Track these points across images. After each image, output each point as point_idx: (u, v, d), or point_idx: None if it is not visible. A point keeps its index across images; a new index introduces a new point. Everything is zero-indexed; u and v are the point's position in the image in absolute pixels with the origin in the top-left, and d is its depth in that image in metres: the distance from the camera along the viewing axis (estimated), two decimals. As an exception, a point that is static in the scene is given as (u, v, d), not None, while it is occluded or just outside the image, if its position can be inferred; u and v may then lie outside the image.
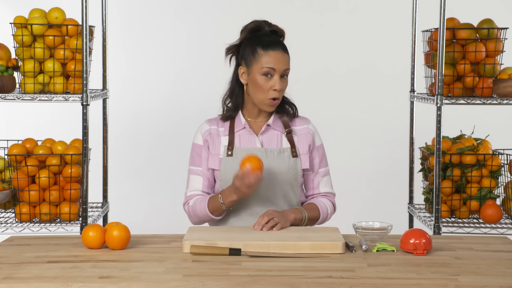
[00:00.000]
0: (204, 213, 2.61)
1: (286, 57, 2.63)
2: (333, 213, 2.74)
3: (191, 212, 2.65)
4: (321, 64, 4.78)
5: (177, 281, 1.94)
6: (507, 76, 3.06)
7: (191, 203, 2.65)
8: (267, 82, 2.60)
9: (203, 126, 2.72)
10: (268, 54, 2.60)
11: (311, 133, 2.73)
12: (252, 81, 2.62)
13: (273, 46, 2.61)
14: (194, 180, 2.69)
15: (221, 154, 2.66)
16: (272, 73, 2.59)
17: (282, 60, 2.60)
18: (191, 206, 2.65)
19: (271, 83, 2.59)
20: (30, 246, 2.34)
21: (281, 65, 2.60)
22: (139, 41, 4.78)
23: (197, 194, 2.67)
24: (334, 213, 2.75)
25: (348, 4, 4.78)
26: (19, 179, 3.05)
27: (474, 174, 3.13)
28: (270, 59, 2.59)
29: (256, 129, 2.70)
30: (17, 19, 3.10)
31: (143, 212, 4.73)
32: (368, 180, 4.78)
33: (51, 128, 4.54)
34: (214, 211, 2.60)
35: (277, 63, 2.59)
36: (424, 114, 3.77)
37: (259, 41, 2.63)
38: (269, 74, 2.59)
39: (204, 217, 2.63)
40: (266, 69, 2.59)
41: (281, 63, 2.60)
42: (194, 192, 2.67)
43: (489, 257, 2.22)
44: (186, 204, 2.67)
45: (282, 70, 2.60)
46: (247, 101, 2.70)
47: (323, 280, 1.96)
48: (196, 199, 2.64)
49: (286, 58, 2.62)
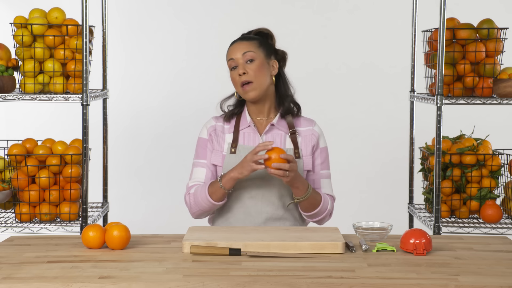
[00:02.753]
0: (204, 198, 2.58)
1: (244, 43, 2.67)
2: (330, 214, 2.70)
3: (192, 201, 2.63)
4: (322, 64, 4.78)
5: (177, 281, 1.94)
6: (507, 76, 3.06)
7: (192, 191, 2.64)
8: (234, 73, 2.66)
9: (209, 122, 2.75)
10: (229, 49, 2.69)
11: (316, 135, 2.73)
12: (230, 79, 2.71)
13: (234, 41, 2.70)
14: (197, 172, 2.69)
15: (225, 151, 2.67)
16: (234, 63, 2.66)
17: (238, 47, 2.66)
18: (192, 194, 2.63)
19: (236, 72, 2.65)
20: (30, 246, 2.34)
21: (237, 52, 2.65)
22: (139, 41, 4.78)
23: (199, 183, 2.66)
24: (329, 218, 2.72)
25: (349, 4, 4.78)
26: (19, 179, 3.05)
27: (474, 174, 3.13)
28: (229, 52, 2.68)
29: (261, 128, 2.71)
30: (17, 19, 3.10)
31: (143, 212, 4.73)
32: (368, 180, 4.78)
33: (51, 128, 4.54)
34: (212, 193, 2.57)
35: (235, 51, 2.66)
36: (424, 114, 3.77)
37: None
38: (234, 67, 2.66)
39: (204, 203, 2.59)
40: (229, 62, 2.68)
41: (237, 50, 2.66)
42: (196, 182, 2.66)
43: (489, 257, 2.22)
44: (187, 194, 2.66)
45: (241, 56, 2.64)
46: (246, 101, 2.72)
47: (323, 280, 1.96)
48: (197, 187, 2.64)
49: (243, 44, 2.67)
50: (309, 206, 2.61)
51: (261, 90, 2.65)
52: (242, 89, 2.64)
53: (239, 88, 2.65)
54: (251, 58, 2.64)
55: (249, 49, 2.64)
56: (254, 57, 2.64)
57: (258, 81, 2.64)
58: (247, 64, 2.64)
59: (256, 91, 2.64)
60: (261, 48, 2.67)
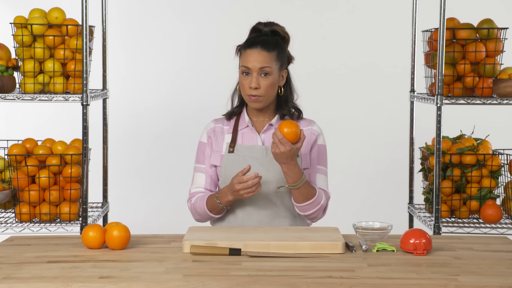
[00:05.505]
0: (204, 212, 2.65)
1: (264, 55, 2.61)
2: (323, 211, 2.67)
3: (193, 209, 2.70)
4: (321, 64, 4.78)
5: (177, 281, 1.94)
6: (507, 76, 3.06)
7: (193, 200, 2.69)
8: (246, 80, 2.63)
9: (209, 125, 2.77)
10: (246, 53, 2.63)
11: (315, 133, 2.73)
12: (239, 80, 2.67)
13: (253, 45, 2.63)
14: (197, 177, 2.73)
15: (223, 151, 2.68)
16: (249, 71, 2.62)
17: (258, 59, 2.60)
18: (192, 204, 2.69)
19: (248, 81, 2.62)
20: (30, 246, 2.34)
21: (256, 63, 2.60)
22: (139, 41, 4.78)
23: (200, 191, 2.70)
24: (323, 216, 2.69)
25: (348, 3, 4.78)
26: (19, 179, 3.05)
27: (474, 174, 3.13)
28: (246, 58, 2.62)
29: (259, 128, 2.72)
30: (17, 19, 3.10)
31: (143, 212, 4.73)
32: (368, 180, 4.78)
33: (51, 128, 4.54)
34: (212, 210, 2.64)
35: (252, 62, 2.61)
36: (424, 114, 3.77)
37: (246, 40, 2.67)
38: (247, 73, 2.62)
39: (205, 215, 2.67)
40: (243, 68, 2.63)
41: (256, 61, 2.60)
42: (197, 189, 2.71)
43: (489, 257, 2.22)
44: (189, 201, 2.71)
45: (258, 69, 2.60)
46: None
47: (323, 280, 1.96)
48: (197, 198, 2.68)
49: (263, 57, 2.61)
50: (299, 197, 2.58)
51: (267, 102, 2.66)
52: (249, 97, 2.63)
53: (246, 96, 2.64)
54: (266, 72, 2.62)
55: (267, 64, 2.60)
56: (269, 72, 2.62)
57: (267, 96, 2.64)
58: (261, 78, 2.61)
59: (262, 104, 2.65)
60: (277, 60, 2.64)
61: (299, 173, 2.54)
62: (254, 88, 2.60)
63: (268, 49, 2.62)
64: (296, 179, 2.54)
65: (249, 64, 2.60)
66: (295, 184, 2.54)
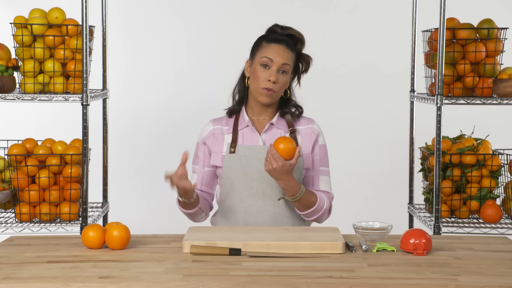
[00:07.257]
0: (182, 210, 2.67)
1: (288, 52, 2.65)
2: (328, 213, 2.69)
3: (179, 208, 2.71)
4: (321, 64, 4.77)
5: (177, 281, 1.94)
6: (507, 76, 3.06)
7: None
8: (264, 72, 2.63)
9: (207, 126, 2.76)
10: (270, 46, 2.65)
11: (316, 133, 2.74)
12: (253, 72, 2.66)
13: (277, 40, 2.66)
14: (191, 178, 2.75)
15: (224, 152, 2.68)
16: (270, 64, 2.62)
17: (282, 54, 2.63)
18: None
19: (267, 74, 2.62)
20: (30, 246, 2.34)
21: (279, 58, 2.62)
22: (139, 41, 4.78)
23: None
24: (329, 216, 2.71)
25: (348, 3, 4.78)
26: (19, 179, 3.05)
27: (474, 174, 3.13)
28: (270, 50, 2.64)
29: (260, 128, 2.72)
30: (17, 19, 3.10)
31: (143, 212, 4.73)
32: (368, 180, 4.78)
33: (51, 128, 4.54)
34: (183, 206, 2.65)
35: (276, 55, 2.63)
36: (424, 114, 3.77)
37: (267, 36, 2.70)
38: (267, 65, 2.62)
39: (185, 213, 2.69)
40: (265, 59, 2.63)
41: (280, 56, 2.63)
42: None
43: (489, 257, 2.22)
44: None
45: (280, 64, 2.62)
46: (250, 98, 2.72)
47: (323, 280, 1.96)
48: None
49: (287, 54, 2.65)
50: (301, 207, 2.61)
51: (275, 99, 2.68)
52: (264, 90, 2.63)
53: (259, 89, 2.64)
54: (286, 70, 2.65)
55: (288, 62, 2.64)
56: (287, 71, 2.65)
57: (279, 92, 2.67)
58: (279, 74, 2.63)
59: (272, 99, 2.66)
60: (294, 62, 2.69)
61: (297, 186, 2.55)
62: (273, 82, 2.61)
63: (291, 49, 2.67)
64: (295, 192, 2.55)
65: (273, 57, 2.62)
66: (295, 196, 2.56)
